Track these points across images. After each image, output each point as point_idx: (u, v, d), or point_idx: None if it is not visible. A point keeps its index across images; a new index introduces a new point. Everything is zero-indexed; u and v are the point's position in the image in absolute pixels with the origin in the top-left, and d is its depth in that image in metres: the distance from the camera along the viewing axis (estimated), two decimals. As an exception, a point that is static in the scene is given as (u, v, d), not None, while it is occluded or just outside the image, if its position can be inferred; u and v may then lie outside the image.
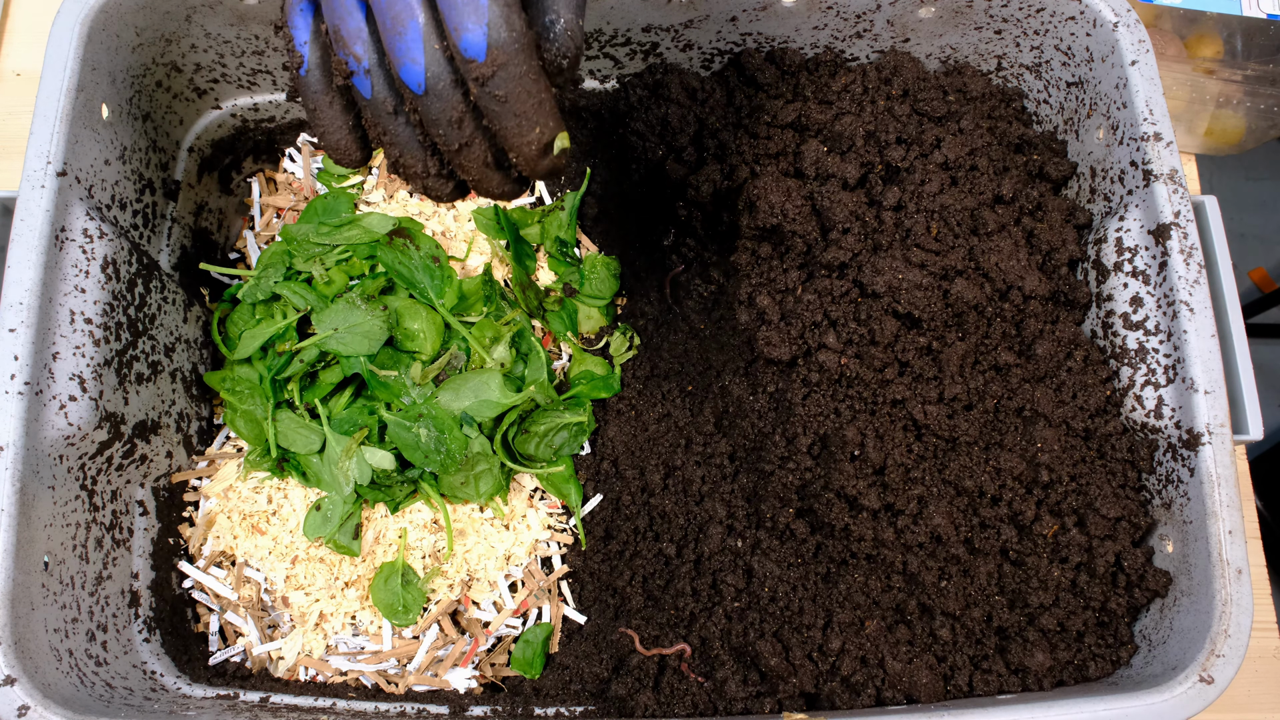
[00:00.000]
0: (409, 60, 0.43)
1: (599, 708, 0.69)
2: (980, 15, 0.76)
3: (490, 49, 0.42)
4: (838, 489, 0.66)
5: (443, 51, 0.43)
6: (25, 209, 0.61)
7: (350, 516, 0.73)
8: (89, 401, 0.63)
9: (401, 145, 0.48)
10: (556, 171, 0.48)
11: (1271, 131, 1.00)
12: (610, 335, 0.84)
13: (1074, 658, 0.64)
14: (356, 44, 0.45)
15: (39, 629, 0.58)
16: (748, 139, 0.76)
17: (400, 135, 0.48)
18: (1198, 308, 0.63)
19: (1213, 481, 0.60)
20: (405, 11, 0.42)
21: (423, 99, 0.45)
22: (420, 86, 0.44)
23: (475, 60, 0.42)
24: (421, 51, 0.43)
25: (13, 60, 0.94)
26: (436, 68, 0.43)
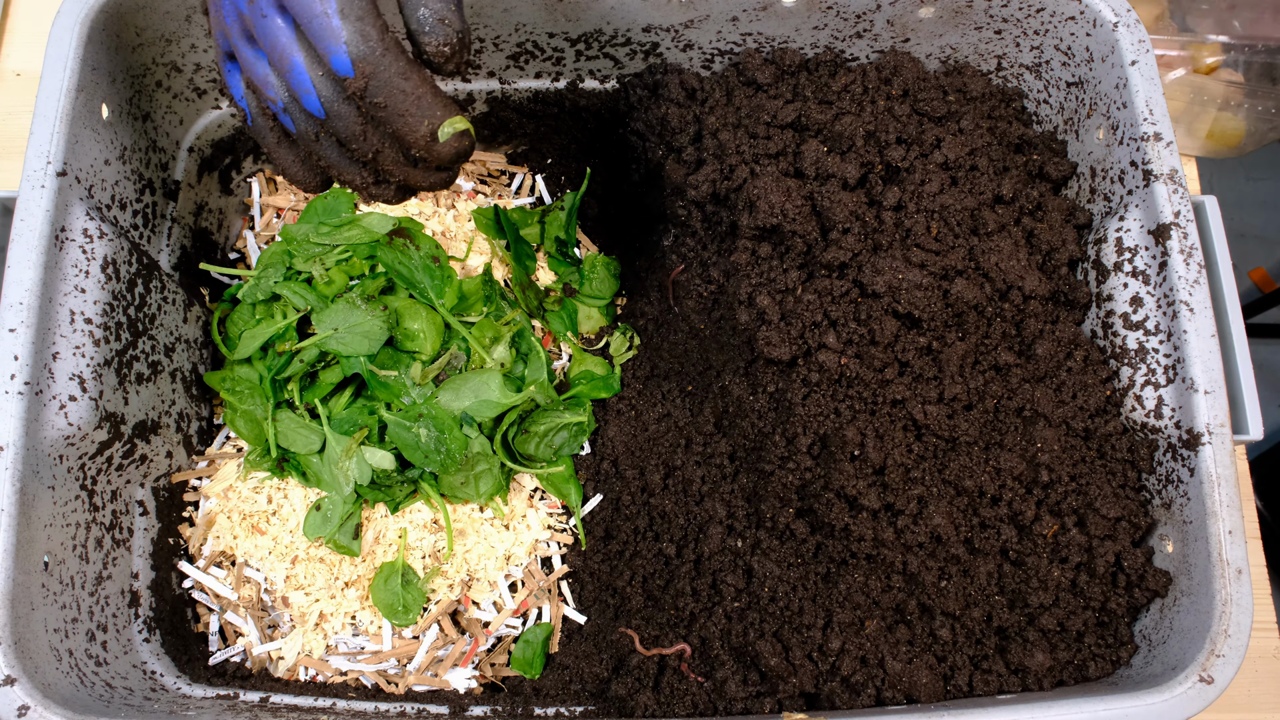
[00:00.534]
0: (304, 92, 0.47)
1: (599, 708, 0.69)
2: (980, 15, 0.76)
3: (355, 64, 0.46)
4: (838, 489, 0.66)
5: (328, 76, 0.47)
6: (25, 209, 0.61)
7: (350, 516, 0.73)
8: (89, 401, 0.63)
9: (336, 166, 0.52)
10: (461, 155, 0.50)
11: (1271, 134, 1.00)
12: (610, 335, 0.84)
13: (1074, 658, 0.64)
14: (268, 88, 0.49)
15: (39, 629, 0.58)
16: (748, 139, 0.76)
17: (331, 157, 0.52)
18: (1198, 308, 0.63)
19: (1213, 481, 0.60)
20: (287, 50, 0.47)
21: (328, 122, 0.49)
22: (320, 112, 0.48)
23: (348, 77, 0.46)
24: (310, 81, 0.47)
25: (13, 60, 0.94)
26: (327, 92, 0.47)
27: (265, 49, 0.47)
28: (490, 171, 0.90)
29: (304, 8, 0.45)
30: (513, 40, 0.77)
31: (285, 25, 0.47)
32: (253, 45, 0.49)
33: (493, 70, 0.81)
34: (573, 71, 0.81)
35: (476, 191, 0.88)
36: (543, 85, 0.82)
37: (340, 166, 0.52)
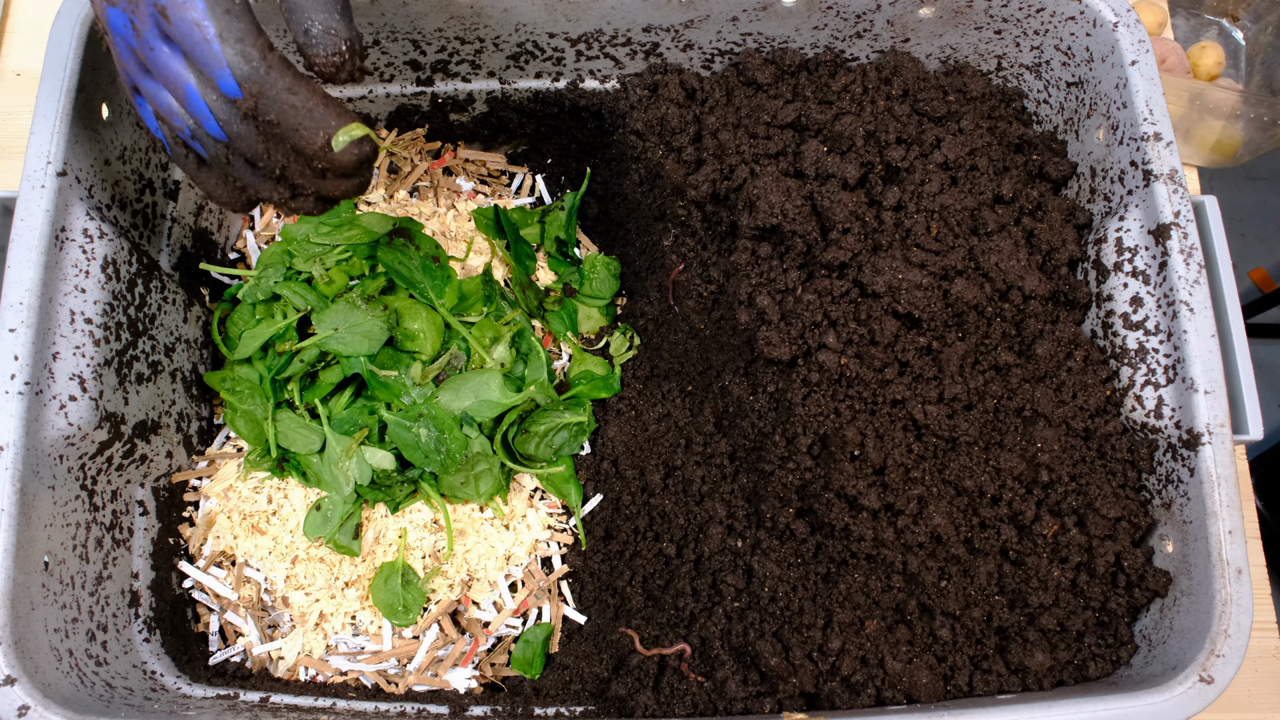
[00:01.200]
0: (203, 117, 0.48)
1: (599, 708, 0.69)
2: (980, 15, 0.76)
3: (242, 85, 0.47)
4: (838, 489, 0.66)
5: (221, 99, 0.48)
6: (25, 209, 0.61)
7: (350, 516, 0.73)
8: (89, 401, 0.63)
9: (252, 185, 0.53)
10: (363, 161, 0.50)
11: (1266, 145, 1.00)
12: (610, 335, 0.84)
13: (1074, 658, 0.64)
14: (173, 117, 0.50)
15: (39, 629, 0.58)
16: (748, 139, 0.76)
17: (246, 177, 0.52)
18: (1198, 308, 0.63)
19: (1213, 481, 0.60)
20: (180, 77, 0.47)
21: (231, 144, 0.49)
22: (222, 135, 0.49)
23: (237, 99, 0.47)
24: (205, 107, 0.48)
25: (13, 60, 0.94)
26: (224, 114, 0.48)
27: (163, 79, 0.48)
28: (490, 171, 0.90)
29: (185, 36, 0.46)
30: (513, 40, 0.77)
31: (174, 54, 0.47)
32: (150, 77, 0.49)
33: (493, 70, 0.81)
34: (573, 71, 0.81)
35: (476, 191, 0.89)
36: (543, 85, 0.82)
37: (255, 185, 0.53)
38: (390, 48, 0.77)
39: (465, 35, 0.76)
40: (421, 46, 0.77)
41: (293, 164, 0.51)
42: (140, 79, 0.50)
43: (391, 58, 0.78)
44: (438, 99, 0.83)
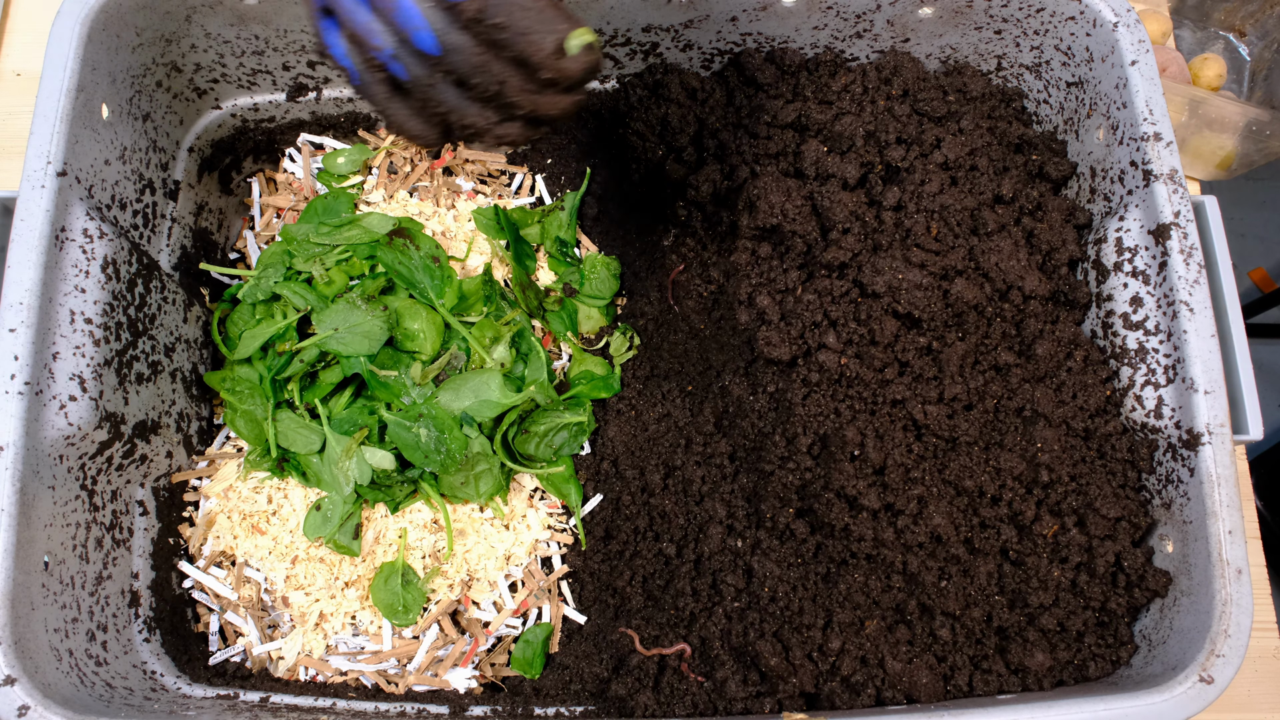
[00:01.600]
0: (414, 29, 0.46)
1: (599, 708, 0.69)
2: (980, 15, 0.76)
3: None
4: (838, 489, 0.66)
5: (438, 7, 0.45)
6: (25, 209, 0.61)
7: (350, 516, 0.73)
8: (89, 401, 0.63)
9: (456, 109, 0.50)
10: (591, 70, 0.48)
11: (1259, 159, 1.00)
12: (610, 335, 0.84)
13: (1074, 658, 0.64)
14: (374, 37, 0.47)
15: (39, 629, 0.58)
16: (748, 139, 0.76)
17: (450, 100, 0.49)
18: (1198, 308, 0.63)
19: (1213, 481, 0.60)
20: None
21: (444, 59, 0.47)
22: (436, 48, 0.46)
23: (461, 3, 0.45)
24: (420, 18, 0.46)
25: (13, 60, 0.94)
26: (441, 25, 0.46)
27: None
28: (490, 171, 0.90)
29: None
30: (513, 40, 0.77)
31: None
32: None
33: (493, 70, 0.80)
34: (573, 71, 0.81)
35: (476, 191, 0.88)
36: (543, 85, 0.82)
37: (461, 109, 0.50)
38: (390, 48, 0.77)
39: (465, 35, 0.76)
40: (421, 46, 0.77)
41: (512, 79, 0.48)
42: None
43: (391, 58, 0.78)
44: (438, 99, 0.83)
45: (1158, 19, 1.04)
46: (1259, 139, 0.97)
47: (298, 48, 0.76)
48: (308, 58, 0.77)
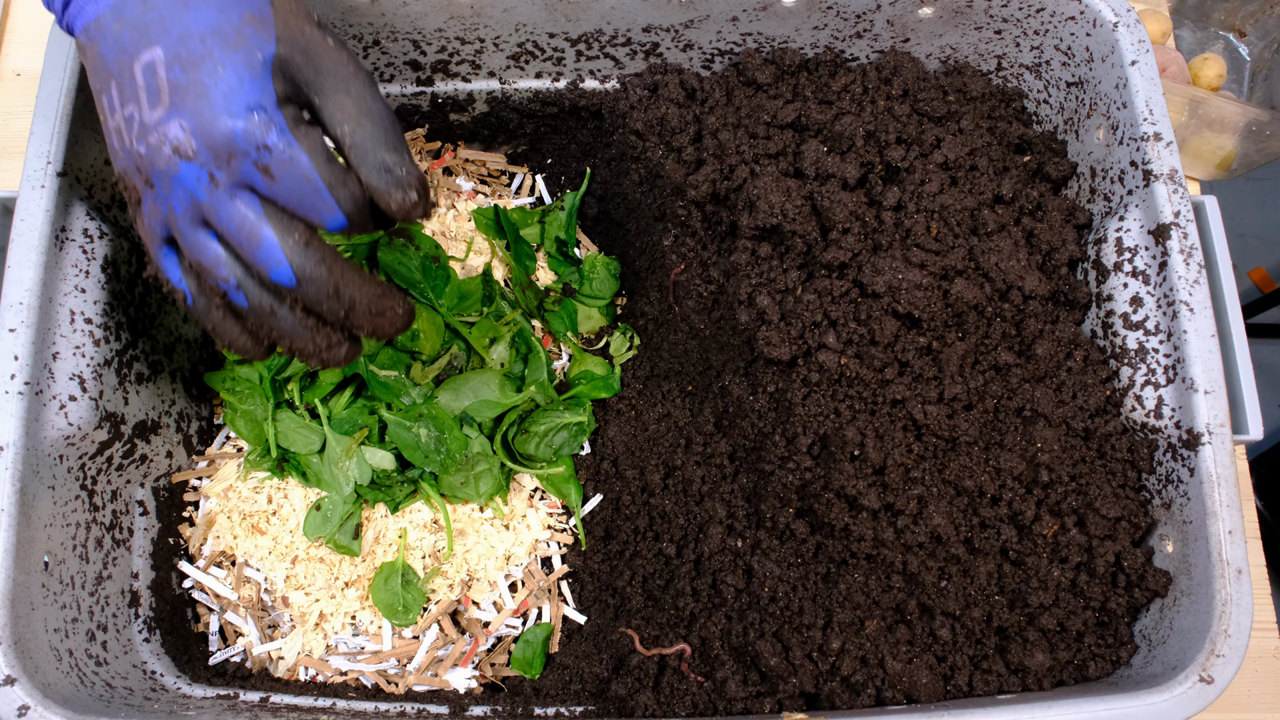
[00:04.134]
0: (274, 264, 0.49)
1: (599, 708, 0.69)
2: (980, 15, 0.76)
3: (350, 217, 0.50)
4: (838, 489, 0.66)
5: (299, 243, 0.49)
6: (25, 209, 0.61)
7: (350, 516, 0.73)
8: (89, 401, 0.63)
9: (290, 335, 0.53)
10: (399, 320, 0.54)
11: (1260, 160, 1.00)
12: (610, 335, 0.84)
13: (1074, 658, 0.64)
14: (220, 268, 0.50)
15: (39, 629, 0.58)
16: (748, 139, 0.76)
17: (286, 327, 0.53)
18: (1198, 308, 0.63)
19: (1213, 481, 0.60)
20: (254, 228, 0.48)
21: (298, 289, 0.50)
22: (291, 281, 0.50)
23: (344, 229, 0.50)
24: (282, 254, 0.49)
25: (13, 60, 0.94)
26: (300, 259, 0.49)
27: (226, 230, 0.49)
28: (490, 171, 0.90)
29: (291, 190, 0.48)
30: (513, 40, 0.77)
31: (253, 203, 0.49)
32: (203, 229, 0.50)
33: (493, 70, 0.81)
34: (573, 71, 0.81)
35: (476, 191, 0.89)
36: (543, 85, 0.82)
37: (296, 335, 0.53)
38: (390, 48, 0.77)
39: (465, 35, 0.76)
40: (421, 46, 0.77)
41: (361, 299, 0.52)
42: (189, 229, 0.50)
43: (391, 58, 0.78)
44: (438, 99, 0.83)
45: (1158, 19, 1.04)
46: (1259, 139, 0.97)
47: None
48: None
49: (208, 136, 0.47)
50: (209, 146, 0.48)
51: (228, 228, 0.49)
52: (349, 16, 0.73)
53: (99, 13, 0.49)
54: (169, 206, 0.49)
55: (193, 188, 0.48)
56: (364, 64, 0.53)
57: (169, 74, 0.48)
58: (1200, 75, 1.06)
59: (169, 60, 0.48)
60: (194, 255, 0.50)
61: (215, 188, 0.48)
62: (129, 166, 0.50)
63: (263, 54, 0.49)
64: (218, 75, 0.48)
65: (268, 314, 0.52)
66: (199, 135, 0.47)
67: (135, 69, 0.48)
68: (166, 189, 0.49)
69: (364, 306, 0.52)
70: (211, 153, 0.48)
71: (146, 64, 0.48)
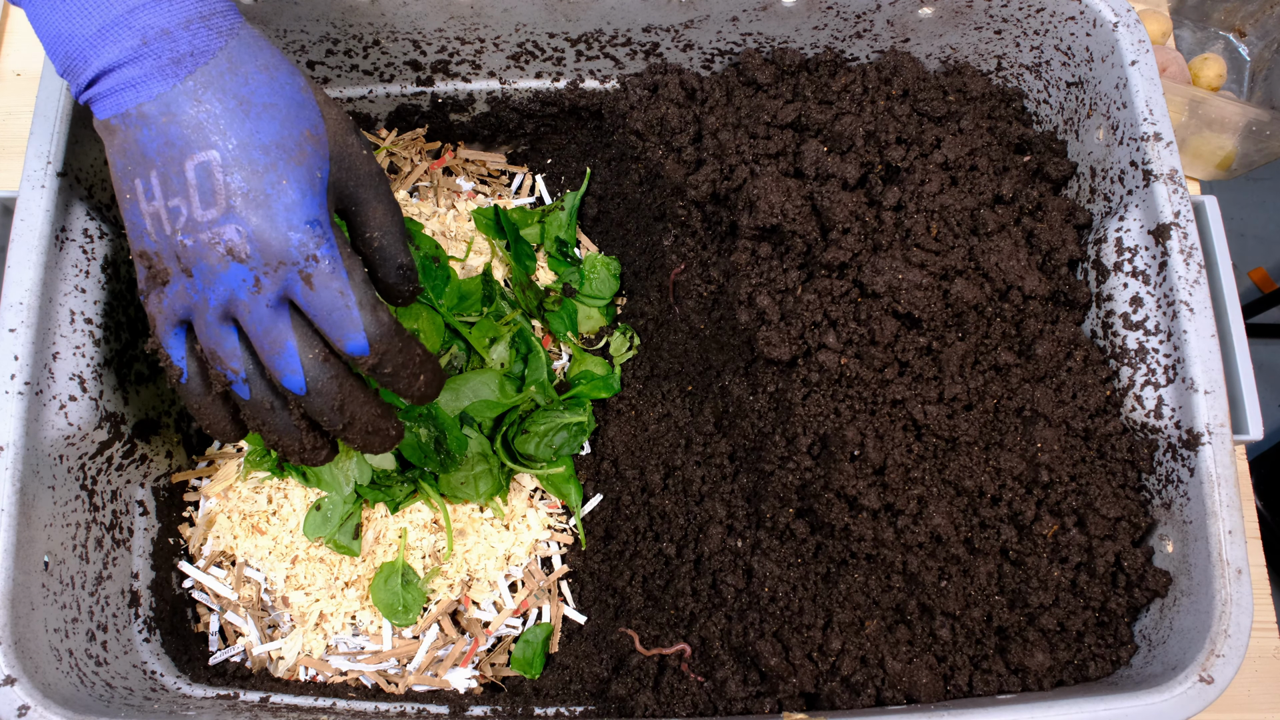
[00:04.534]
0: (289, 372, 0.51)
1: (599, 708, 0.69)
2: (980, 15, 0.76)
3: (372, 344, 0.51)
4: (838, 489, 0.66)
5: (319, 357, 0.52)
6: (25, 209, 0.61)
7: (350, 516, 0.73)
8: (89, 401, 0.63)
9: (280, 432, 0.55)
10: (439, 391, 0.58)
11: (1260, 160, 1.00)
12: (610, 335, 0.84)
13: (1074, 658, 0.64)
14: (233, 361, 0.52)
15: (39, 629, 0.58)
16: (748, 139, 0.76)
17: (279, 424, 0.55)
18: (1198, 308, 0.63)
19: (1213, 481, 0.60)
20: (280, 336, 0.51)
21: (305, 398, 0.52)
22: (302, 390, 0.52)
23: (362, 356, 0.52)
24: (300, 364, 0.51)
25: (13, 60, 0.94)
26: (315, 372, 0.51)
27: (252, 331, 0.51)
28: (490, 171, 0.90)
29: (325, 303, 0.50)
30: (513, 40, 0.77)
31: (284, 313, 0.51)
32: (227, 323, 0.52)
33: (493, 70, 0.81)
34: (573, 71, 0.81)
35: (476, 191, 0.89)
36: (543, 85, 0.82)
37: (285, 433, 0.55)
38: (390, 48, 0.77)
39: (465, 35, 0.76)
40: (421, 46, 0.77)
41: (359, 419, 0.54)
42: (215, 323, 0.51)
43: (391, 58, 0.78)
44: (438, 99, 0.83)
45: (1158, 19, 1.04)
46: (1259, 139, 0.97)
47: (297, 48, 0.76)
48: (306, 57, 0.77)
49: (265, 245, 0.49)
50: (263, 253, 0.49)
51: (256, 330, 0.51)
52: (349, 16, 0.73)
53: (140, 101, 0.49)
54: (203, 297, 0.51)
55: (236, 287, 0.50)
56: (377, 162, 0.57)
57: (226, 178, 0.49)
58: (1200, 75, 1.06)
59: (227, 165, 0.49)
60: (211, 345, 0.52)
61: (258, 291, 0.50)
62: (164, 252, 0.51)
63: (321, 173, 0.51)
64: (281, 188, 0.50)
65: (266, 410, 0.54)
66: (255, 242, 0.49)
67: (186, 166, 0.49)
68: (207, 282, 0.50)
69: (361, 425, 0.55)
70: (264, 259, 0.49)
71: (200, 164, 0.49)
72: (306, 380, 0.51)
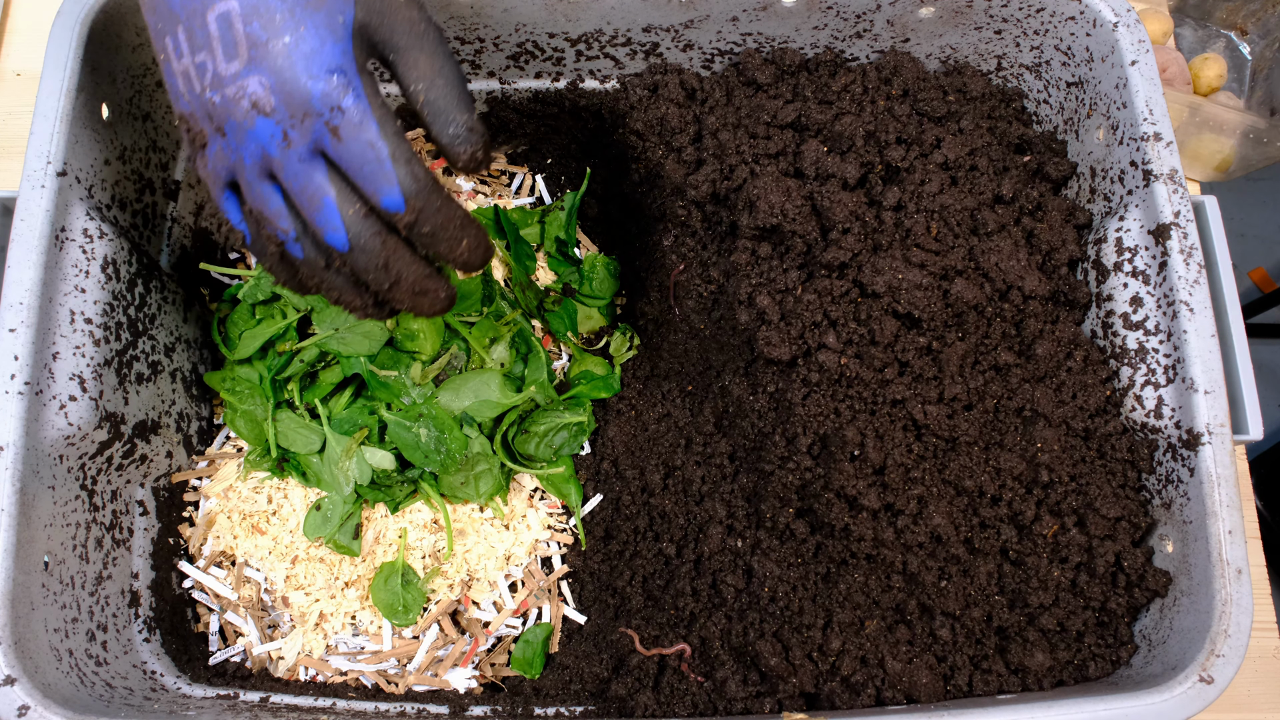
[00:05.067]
0: (331, 229, 0.50)
1: (599, 708, 0.69)
2: (980, 15, 0.76)
3: (408, 200, 0.49)
4: (838, 489, 0.66)
5: (359, 213, 0.50)
6: (25, 209, 0.61)
7: (350, 516, 0.73)
8: (89, 401, 0.63)
9: (338, 290, 0.55)
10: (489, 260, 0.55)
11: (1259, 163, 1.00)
12: (610, 335, 0.84)
13: (1074, 658, 0.64)
14: (281, 220, 0.51)
15: (39, 629, 0.58)
16: (748, 139, 0.76)
17: (335, 283, 0.54)
18: (1198, 308, 0.63)
19: (1213, 481, 0.60)
20: (318, 191, 0.49)
21: (349, 255, 0.51)
22: (345, 246, 0.51)
23: (398, 213, 0.50)
24: (340, 220, 0.50)
25: (13, 60, 0.94)
26: (356, 228, 0.50)
27: (291, 188, 0.50)
28: (490, 171, 0.90)
29: (355, 155, 0.48)
30: (513, 40, 0.77)
31: (320, 167, 0.49)
32: (269, 182, 0.51)
33: (493, 70, 0.81)
34: (573, 71, 0.81)
35: (476, 191, 0.89)
36: (543, 85, 0.82)
37: (344, 291, 0.55)
38: (390, 48, 0.77)
39: (465, 35, 0.76)
40: (421, 46, 0.77)
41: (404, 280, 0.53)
42: (254, 180, 0.51)
43: (391, 58, 0.78)
44: (438, 99, 0.83)
45: (1158, 18, 1.04)
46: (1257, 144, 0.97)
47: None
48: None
49: (287, 96, 0.48)
50: (287, 105, 0.48)
51: (293, 185, 0.49)
52: (349, 16, 0.73)
53: None
54: (238, 156, 0.50)
55: (265, 143, 0.49)
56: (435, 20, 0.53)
57: (246, 28, 0.48)
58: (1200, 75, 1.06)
59: (245, 14, 0.48)
60: (256, 205, 0.51)
61: (287, 146, 0.49)
62: (198, 112, 0.50)
63: (344, 17, 0.49)
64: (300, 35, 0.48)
65: (321, 269, 0.53)
66: (279, 93, 0.48)
67: (209, 18, 0.48)
68: (239, 140, 0.50)
69: (408, 284, 0.53)
70: (289, 111, 0.48)
71: (221, 14, 0.48)
72: (349, 237, 0.50)
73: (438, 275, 0.55)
